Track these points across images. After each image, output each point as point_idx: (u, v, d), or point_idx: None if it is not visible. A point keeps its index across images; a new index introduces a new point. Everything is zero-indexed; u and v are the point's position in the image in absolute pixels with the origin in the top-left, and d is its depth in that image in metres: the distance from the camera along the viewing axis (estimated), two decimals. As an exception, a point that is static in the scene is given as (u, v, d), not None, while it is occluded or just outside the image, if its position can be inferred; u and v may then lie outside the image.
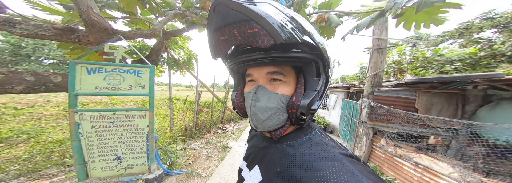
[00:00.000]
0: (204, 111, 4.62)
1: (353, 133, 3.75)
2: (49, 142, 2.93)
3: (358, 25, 1.42)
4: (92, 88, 1.76)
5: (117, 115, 1.79)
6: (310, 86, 0.41)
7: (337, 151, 0.37)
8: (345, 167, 0.31)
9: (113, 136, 1.80)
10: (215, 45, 0.39)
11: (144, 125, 1.78)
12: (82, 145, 1.74)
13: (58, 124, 3.61)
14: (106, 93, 1.78)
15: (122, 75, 1.77)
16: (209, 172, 2.69)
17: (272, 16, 0.31)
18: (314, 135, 0.43)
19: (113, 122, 1.79)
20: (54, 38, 1.88)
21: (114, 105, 3.58)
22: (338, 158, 0.34)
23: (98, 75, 1.77)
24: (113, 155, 1.79)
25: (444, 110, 2.82)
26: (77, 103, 1.74)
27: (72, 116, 1.69)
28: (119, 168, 1.79)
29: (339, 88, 5.79)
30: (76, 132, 1.71)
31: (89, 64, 1.73)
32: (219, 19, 0.35)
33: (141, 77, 1.76)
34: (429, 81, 2.58)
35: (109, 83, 1.78)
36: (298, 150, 0.39)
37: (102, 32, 1.97)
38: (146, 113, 1.76)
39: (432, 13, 1.42)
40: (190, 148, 3.51)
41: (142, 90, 1.76)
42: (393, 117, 2.62)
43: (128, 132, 1.79)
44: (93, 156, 1.80)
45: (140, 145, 1.80)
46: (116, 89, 1.78)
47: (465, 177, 1.89)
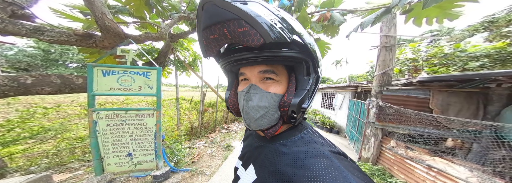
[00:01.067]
0: (209, 110, 4.74)
1: (360, 133, 3.62)
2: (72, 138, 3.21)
3: (362, 23, 1.37)
4: (107, 89, 1.90)
5: (128, 114, 1.91)
6: (301, 85, 0.42)
7: (326, 148, 0.38)
8: (333, 164, 0.33)
9: (125, 133, 1.93)
10: (206, 44, 0.39)
11: (153, 123, 1.89)
12: (99, 142, 1.89)
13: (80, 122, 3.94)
14: (119, 93, 1.91)
15: (133, 76, 1.89)
16: (213, 170, 2.76)
17: (261, 15, 0.31)
18: (306, 133, 0.44)
19: (125, 120, 1.92)
20: (76, 43, 2.06)
21: (127, 104, 3.82)
22: (327, 156, 0.35)
23: (112, 77, 1.91)
24: (125, 151, 1.92)
25: (464, 110, 2.61)
26: (95, 102, 1.89)
27: (90, 114, 1.84)
28: (130, 164, 1.92)
29: (346, 87, 5.59)
30: (94, 129, 1.86)
31: (104, 67, 1.87)
32: (208, 18, 0.34)
33: (150, 78, 1.86)
34: (445, 79, 2.40)
35: (122, 85, 1.91)
36: (291, 149, 0.40)
37: (115, 36, 2.12)
38: (154, 112, 1.86)
39: (445, 7, 1.33)
40: (195, 147, 3.62)
41: (150, 91, 1.86)
42: (403, 117, 2.47)
43: (138, 130, 1.90)
44: (108, 152, 1.94)
45: (149, 143, 1.91)
46: (128, 90, 1.90)
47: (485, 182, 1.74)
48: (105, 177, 1.86)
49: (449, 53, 4.49)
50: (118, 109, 1.92)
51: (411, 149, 2.42)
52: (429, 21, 1.44)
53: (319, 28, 1.50)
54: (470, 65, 4.23)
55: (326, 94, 8.10)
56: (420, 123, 2.38)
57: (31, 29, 1.77)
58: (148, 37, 2.05)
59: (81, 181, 2.20)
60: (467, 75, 2.23)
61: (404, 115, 2.46)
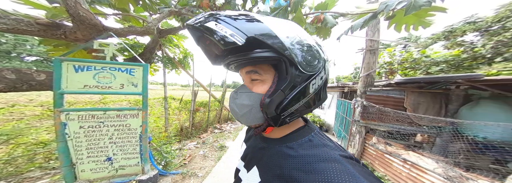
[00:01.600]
0: (201, 110, 4.56)
1: (347, 131, 3.86)
2: (32, 143, 2.77)
3: (352, 26, 1.46)
4: (80, 87, 1.69)
5: (107, 114, 1.72)
6: (280, 84, 0.40)
7: (337, 152, 0.36)
8: (346, 169, 0.31)
9: (104, 136, 1.73)
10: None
11: (137, 124, 1.73)
12: (69, 146, 1.67)
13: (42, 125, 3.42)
14: (96, 91, 1.71)
15: (113, 73, 1.71)
16: (206, 172, 2.67)
17: (213, 28, 0.36)
18: (313, 136, 0.43)
19: (103, 121, 1.72)
20: (37, 33, 1.78)
21: (105, 104, 3.42)
22: (338, 160, 0.34)
23: (87, 73, 1.70)
24: (104, 156, 1.73)
25: (430, 108, 2.97)
26: (63, 102, 1.66)
27: (57, 115, 1.61)
28: (110, 169, 1.73)
29: (334, 88, 5.92)
30: (62, 132, 1.64)
31: (76, 61, 1.65)
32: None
33: (134, 75, 1.70)
34: (416, 81, 2.71)
35: (99, 82, 1.71)
36: (298, 152, 0.39)
37: (91, 28, 1.89)
38: (139, 112, 1.71)
39: (420, 16, 1.49)
40: (186, 148, 3.45)
41: (134, 89, 1.70)
42: (384, 115, 2.73)
43: (119, 132, 1.73)
44: (81, 157, 1.72)
45: (133, 146, 1.75)
46: (107, 88, 1.71)
47: (448, 172, 2.00)
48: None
49: (417, 58, 5.08)
50: (95, 109, 1.71)
51: (390, 145, 2.67)
52: (407, 27, 1.59)
53: (313, 30, 1.54)
54: (432, 69, 4.86)
55: None
56: (398, 120, 2.66)
57: None
58: (133, 31, 1.87)
59: (45, 192, 1.92)
60: (434, 78, 2.55)
61: (384, 114, 2.71)
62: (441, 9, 1.37)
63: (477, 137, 2.39)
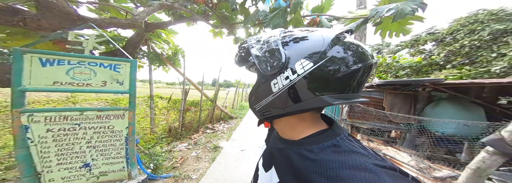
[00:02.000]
0: (192, 110, 4.32)
1: None
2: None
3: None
4: (48, 83, 1.46)
5: (85, 115, 1.52)
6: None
7: (369, 161, 0.31)
8: (381, 180, 0.26)
9: (80, 140, 1.53)
10: None
11: (123, 126, 1.56)
12: (33, 153, 1.43)
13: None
14: (71, 89, 1.50)
15: (93, 69, 1.52)
16: (200, 173, 2.55)
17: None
18: (339, 141, 0.38)
19: (80, 123, 1.52)
20: None
21: (74, 103, 2.96)
22: (371, 169, 0.29)
23: (58, 68, 1.48)
24: (80, 162, 1.52)
25: (403, 108, 3.36)
26: (25, 101, 1.41)
27: (16, 117, 1.38)
28: (88, 177, 1.53)
29: None
30: (23, 137, 1.40)
31: (44, 54, 1.43)
32: None
33: (119, 72, 1.54)
34: (393, 83, 3.05)
35: (75, 78, 1.51)
36: (319, 156, 0.36)
37: (62, 17, 1.65)
38: (125, 112, 1.55)
39: (402, 24, 1.66)
40: (177, 150, 3.26)
41: (120, 87, 1.53)
42: (367, 114, 3.00)
43: (100, 135, 1.54)
44: (50, 165, 1.50)
45: (117, 149, 1.57)
46: (85, 85, 1.51)
47: (419, 164, 2.28)
48: (44, 198, 1.41)
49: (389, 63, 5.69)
50: (69, 109, 1.50)
51: (372, 141, 2.94)
52: (390, 34, 1.76)
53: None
54: (400, 73, 5.50)
55: None
56: (379, 119, 2.95)
57: None
58: (116, 23, 1.68)
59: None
60: (407, 81, 2.89)
61: (368, 113, 2.97)
62: (419, 19, 1.56)
63: (437, 132, 2.78)
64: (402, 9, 1.22)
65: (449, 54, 5.05)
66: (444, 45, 5.39)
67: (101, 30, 1.67)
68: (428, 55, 5.82)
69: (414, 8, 1.19)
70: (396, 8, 1.24)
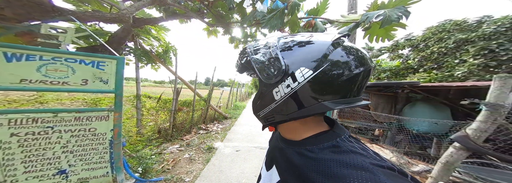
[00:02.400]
0: (184, 110, 4.11)
1: None
2: None
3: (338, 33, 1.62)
4: (14, 81, 1.29)
5: (60, 117, 1.36)
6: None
7: (367, 160, 0.31)
8: (377, 179, 0.26)
9: (53, 145, 1.36)
10: None
11: (107, 128, 1.42)
12: (-8, 161, 1.25)
13: None
14: (44, 88, 1.33)
15: (72, 66, 1.37)
16: (194, 176, 2.45)
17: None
18: (339, 142, 0.38)
19: (53, 126, 1.36)
20: None
21: (42, 103, 2.60)
22: (368, 168, 0.29)
23: (26, 63, 1.31)
24: (53, 168, 1.36)
25: (386, 108, 3.62)
26: None
27: None
28: (64, 186, 1.37)
29: None
30: None
31: (9, 48, 1.25)
32: None
33: (103, 70, 1.40)
34: (377, 85, 3.27)
35: (48, 76, 1.34)
36: (318, 155, 0.37)
37: (32, 7, 1.47)
38: (110, 114, 1.42)
39: (387, 29, 1.78)
40: (168, 152, 3.10)
41: (104, 86, 1.40)
42: (355, 114, 3.18)
43: (79, 139, 1.39)
44: (14, 173, 1.32)
45: (100, 153, 1.43)
46: (60, 84, 1.36)
47: (399, 160, 2.46)
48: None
49: (372, 66, 6.09)
50: (39, 110, 1.33)
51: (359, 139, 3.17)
52: (377, 39, 1.87)
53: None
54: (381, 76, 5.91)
55: None
56: (365, 118, 3.14)
57: None
58: (99, 17, 1.54)
59: None
60: (389, 83, 3.12)
61: (356, 113, 3.14)
62: (402, 26, 1.68)
63: (413, 129, 3.04)
64: (389, 15, 1.29)
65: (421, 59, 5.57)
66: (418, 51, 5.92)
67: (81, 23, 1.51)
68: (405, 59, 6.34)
69: (400, 16, 1.27)
70: (384, 14, 1.31)
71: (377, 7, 1.62)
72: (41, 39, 1.44)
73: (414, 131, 3.04)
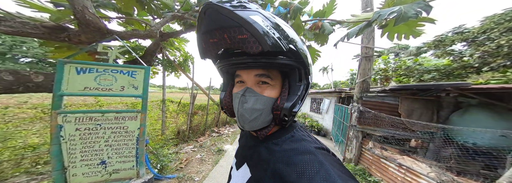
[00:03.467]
0: (199, 113, 4.52)
1: (344, 136, 3.90)
2: (20, 147, 2.67)
3: (348, 33, 1.54)
4: (80, 89, 1.69)
5: (105, 116, 1.71)
6: (293, 90, 0.44)
7: (312, 145, 0.41)
8: (317, 159, 0.36)
9: (100, 139, 1.70)
10: (204, 47, 0.41)
11: (135, 127, 1.71)
12: (63, 149, 1.63)
13: (34, 127, 3.30)
14: (96, 93, 1.71)
15: (115, 75, 1.73)
16: (203, 176, 2.60)
17: (261, 24, 0.33)
18: (295, 132, 0.47)
19: (100, 124, 1.71)
20: (42, 36, 1.79)
21: (101, 106, 3.37)
22: (312, 152, 0.38)
23: (88, 75, 1.71)
24: (98, 159, 1.69)
25: (423, 115, 3.06)
26: (62, 104, 1.64)
27: (54, 117, 1.59)
28: (103, 173, 1.68)
29: (332, 93, 6.03)
30: (57, 135, 1.61)
31: (79, 64, 1.67)
32: (209, 23, 0.36)
33: (135, 78, 1.72)
34: (409, 88, 2.82)
35: (100, 84, 1.72)
36: (282, 147, 0.43)
37: (95, 32, 1.92)
38: (138, 114, 1.70)
39: (411, 26, 1.59)
40: (183, 152, 3.39)
41: (135, 91, 1.71)
42: (379, 121, 2.79)
43: (116, 135, 1.70)
44: (74, 160, 1.68)
45: (129, 149, 1.72)
46: (107, 90, 1.72)
47: (440, 176, 2.03)
48: (68, 191, 1.59)
49: (410, 66, 5.27)
50: (93, 111, 1.71)
51: (385, 149, 2.70)
52: (399, 36, 1.68)
53: (311, 36, 1.63)
54: (424, 77, 5.03)
55: (315, 98, 8.48)
56: (392, 126, 2.72)
57: None
58: (136, 34, 1.92)
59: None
60: (425, 86, 2.66)
61: (380, 119, 2.77)
62: (430, 20, 1.48)
63: (467, 142, 2.45)
64: (404, 12, 1.19)
65: (484, 55, 4.50)
66: (477, 46, 4.84)
67: (124, 41, 1.90)
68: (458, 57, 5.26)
69: (418, 11, 1.15)
70: (399, 11, 1.21)
71: (393, 4, 1.50)
72: (98, 56, 1.88)
73: (467, 144, 2.45)
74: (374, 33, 3.07)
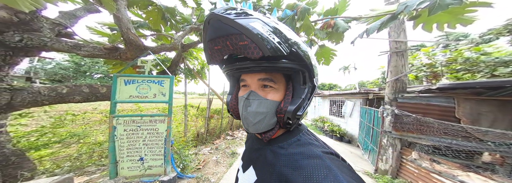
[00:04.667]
0: (215, 117, 4.82)
1: (375, 143, 3.39)
2: (92, 143, 3.42)
3: (367, 29, 1.39)
4: (127, 97, 2.06)
5: (143, 119, 2.03)
6: (297, 93, 0.44)
7: (319, 149, 0.40)
8: (325, 163, 0.35)
9: (139, 138, 2.02)
10: (210, 53, 0.44)
11: (163, 129, 1.97)
12: (116, 146, 2.00)
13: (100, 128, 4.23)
14: (137, 100, 2.06)
15: (149, 85, 2.04)
16: (218, 177, 2.72)
17: (260, 30, 0.34)
18: (301, 136, 0.46)
19: (140, 126, 2.03)
20: (104, 56, 2.31)
21: (141, 111, 4.07)
22: (319, 156, 0.37)
23: (132, 85, 2.08)
24: (138, 156, 2.00)
25: (499, 120, 2.32)
26: (116, 109, 2.04)
27: (111, 120, 1.99)
28: (141, 169, 1.98)
29: (356, 94, 5.39)
30: (113, 134, 1.99)
31: (126, 76, 2.06)
32: (213, 31, 0.39)
33: (163, 86, 2.00)
34: (470, 86, 2.20)
35: (140, 93, 2.07)
36: (288, 151, 0.42)
37: (136, 49, 2.36)
38: (165, 118, 1.95)
39: (457, 13, 1.30)
40: (201, 153, 3.64)
41: (163, 98, 1.98)
42: (425, 127, 2.25)
43: (150, 135, 1.99)
44: (122, 156, 2.03)
45: (159, 148, 1.97)
46: (144, 97, 2.05)
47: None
48: (118, 181, 1.93)
49: (471, 57, 4.14)
50: (135, 115, 2.05)
51: (438, 162, 2.15)
52: (439, 26, 1.40)
53: (323, 35, 1.53)
54: (499, 71, 3.84)
55: (334, 100, 7.82)
56: (446, 133, 2.13)
57: (71, 46, 2.05)
58: (163, 48, 2.25)
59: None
60: (495, 82, 2.03)
61: (426, 124, 2.24)
62: (485, 4, 1.18)
63: None
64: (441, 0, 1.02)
65: None
66: None
67: (155, 55, 2.24)
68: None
69: None
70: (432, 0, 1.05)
71: (422, -9, 1.29)
72: (138, 69, 2.27)
73: None
74: (404, 26, 2.56)
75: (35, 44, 1.82)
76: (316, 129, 7.92)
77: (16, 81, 2.20)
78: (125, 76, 2.04)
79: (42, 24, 1.95)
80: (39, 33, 1.89)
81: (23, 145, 2.52)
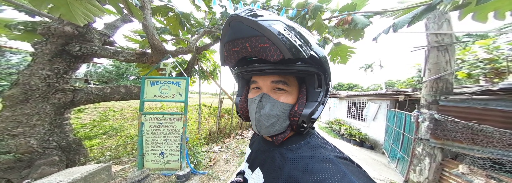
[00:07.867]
0: (225, 116, 4.95)
1: (405, 151, 2.96)
2: (127, 136, 3.91)
3: (395, 23, 1.22)
4: (151, 96, 2.29)
5: (164, 117, 2.22)
6: (312, 96, 0.43)
7: (332, 154, 0.38)
8: (338, 168, 0.33)
9: (161, 134, 2.22)
10: (226, 55, 0.43)
11: (180, 126, 2.12)
12: (143, 140, 2.24)
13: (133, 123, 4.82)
14: (159, 100, 2.27)
15: (169, 86, 2.22)
16: (227, 176, 2.76)
17: (282, 33, 0.34)
18: (311, 139, 0.45)
19: (161, 123, 2.23)
20: (136, 60, 2.61)
21: (163, 109, 4.49)
22: (332, 161, 0.35)
23: (156, 86, 2.29)
24: (159, 150, 2.19)
25: None
26: (144, 107, 2.28)
27: (140, 117, 2.23)
28: (161, 162, 2.17)
29: (382, 96, 4.75)
30: (141, 129, 2.23)
31: (151, 78, 2.28)
32: (233, 33, 0.38)
33: (180, 87, 2.15)
34: None
35: (161, 93, 2.27)
36: (297, 154, 0.41)
37: (159, 53, 2.59)
38: (182, 116, 2.09)
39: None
40: (212, 151, 3.76)
41: (180, 97, 2.13)
42: (479, 136, 1.77)
43: (169, 132, 2.16)
44: (148, 149, 2.26)
45: (177, 144, 2.13)
46: (165, 97, 2.23)
47: None
48: (144, 171, 2.15)
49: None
50: (158, 112, 2.26)
51: (498, 180, 1.70)
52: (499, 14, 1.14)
53: (339, 33, 1.40)
54: None
55: (354, 102, 7.09)
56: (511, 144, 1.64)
57: (113, 52, 2.37)
58: (181, 51, 2.41)
59: (127, 173, 2.61)
60: None
61: (481, 133, 1.77)
62: None
63: None
64: None
65: None
66: None
67: (174, 58, 2.42)
68: None
69: None
70: None
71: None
72: (161, 72, 2.48)
73: None
74: (448, 15, 2.08)
75: (89, 52, 2.18)
76: (331, 132, 7.36)
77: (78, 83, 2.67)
78: (151, 78, 2.26)
79: (93, 35, 2.32)
80: (91, 43, 2.26)
81: (80, 135, 3.04)
